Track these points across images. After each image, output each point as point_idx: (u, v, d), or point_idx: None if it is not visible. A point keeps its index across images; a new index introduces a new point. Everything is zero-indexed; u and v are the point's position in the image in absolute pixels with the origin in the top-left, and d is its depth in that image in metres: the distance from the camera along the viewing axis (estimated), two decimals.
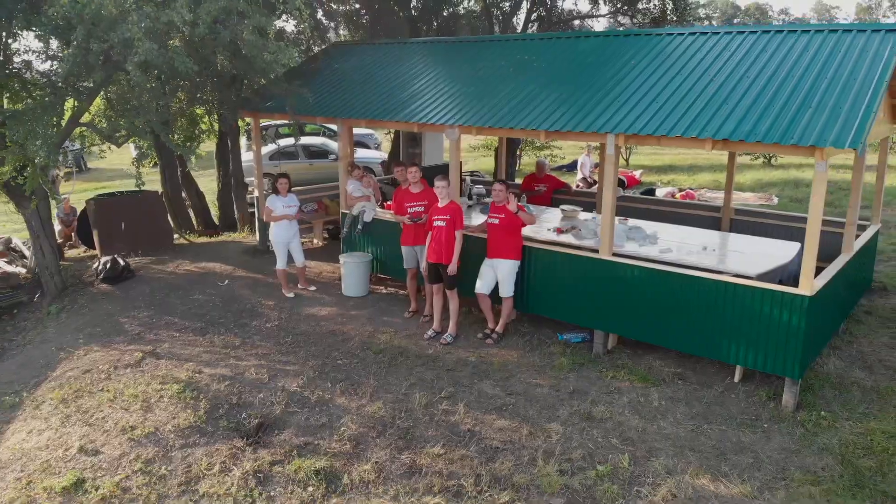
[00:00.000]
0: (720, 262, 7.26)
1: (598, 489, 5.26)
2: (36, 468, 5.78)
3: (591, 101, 7.40)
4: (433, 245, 7.75)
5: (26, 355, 7.96)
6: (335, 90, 10.03)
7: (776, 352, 6.27)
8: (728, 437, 5.95)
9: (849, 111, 5.92)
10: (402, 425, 6.04)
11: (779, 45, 7.27)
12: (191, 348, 7.51)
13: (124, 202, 11.68)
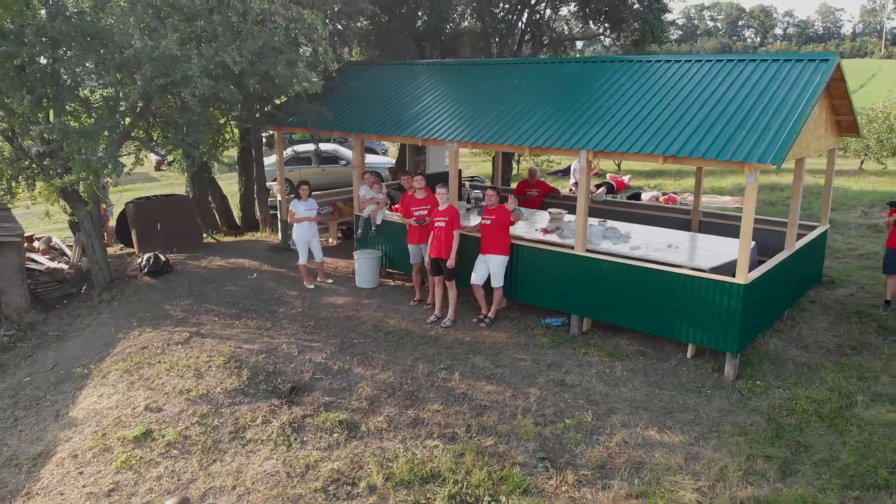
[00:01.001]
0: (680, 257, 8.54)
1: (564, 437, 6.56)
2: (109, 423, 7.11)
3: (569, 120, 8.71)
4: (434, 243, 9.07)
5: (87, 336, 9.32)
6: (350, 107, 11.36)
7: (718, 331, 7.56)
8: (676, 400, 7.24)
9: (775, 132, 7.20)
10: (408, 389, 7.36)
11: (729, 72, 8.56)
12: (229, 329, 8.86)
13: (159, 205, 13.04)
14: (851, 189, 17.56)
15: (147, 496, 6.00)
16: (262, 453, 6.35)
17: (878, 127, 19.11)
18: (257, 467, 6.18)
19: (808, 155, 8.71)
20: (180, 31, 7.84)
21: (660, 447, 6.46)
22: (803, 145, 8.26)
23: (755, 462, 6.21)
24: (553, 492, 5.85)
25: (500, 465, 6.13)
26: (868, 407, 7.14)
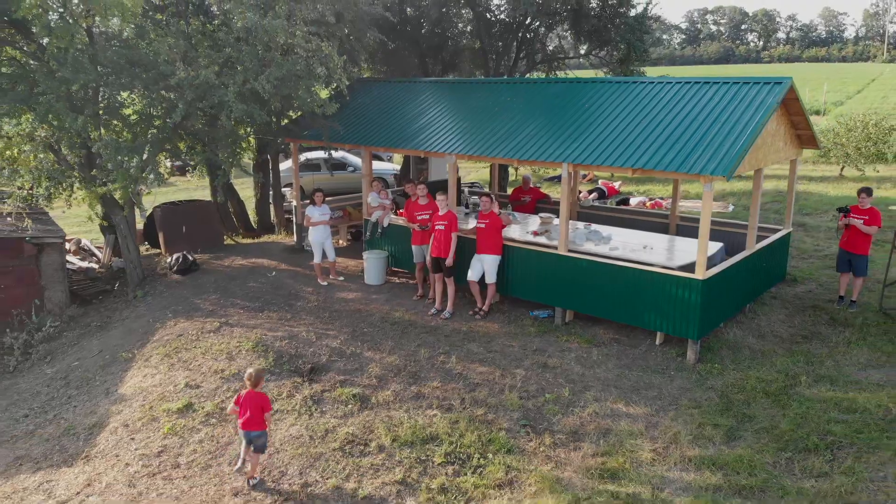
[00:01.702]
0: (652, 256, 9.66)
1: (544, 408, 7.71)
2: (154, 398, 8.29)
3: (554, 136, 9.87)
4: (435, 244, 10.22)
5: (127, 326, 10.50)
6: (359, 121, 12.54)
7: (680, 320, 8.70)
8: (642, 380, 8.38)
9: (728, 149, 8.34)
10: (412, 369, 8.52)
11: (694, 93, 9.69)
12: (254, 320, 10.02)
13: (184, 209, 14.24)
14: (829, 194, 18.66)
15: (191, 456, 7.17)
16: (288, 421, 7.52)
17: (856, 136, 20.19)
18: (284, 432, 7.34)
19: (765, 166, 9.82)
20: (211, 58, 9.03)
21: (625, 417, 7.60)
22: (759, 158, 9.40)
23: (705, 429, 7.34)
24: (532, 451, 7.00)
25: (488, 430, 7.28)
26: (810, 386, 8.26)
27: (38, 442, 8.04)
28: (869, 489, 6.39)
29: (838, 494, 6.30)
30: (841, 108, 44.76)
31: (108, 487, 6.89)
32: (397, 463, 6.79)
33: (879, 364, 8.85)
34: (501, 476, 6.60)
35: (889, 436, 7.19)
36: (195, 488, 6.69)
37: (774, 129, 9.78)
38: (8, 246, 11.67)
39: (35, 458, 7.71)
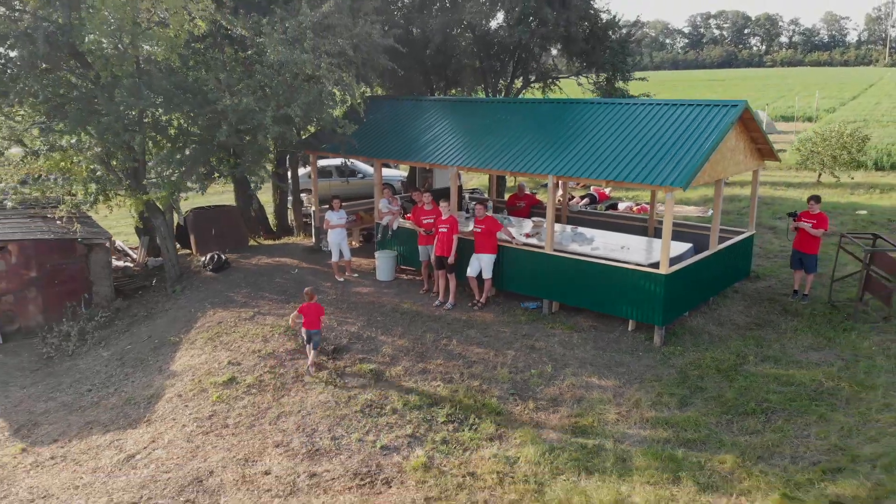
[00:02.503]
0: (627, 255, 11.15)
1: (530, 381, 9.22)
2: (202, 373, 9.83)
3: (542, 151, 11.38)
4: (439, 244, 11.74)
5: (171, 316, 12.06)
6: (371, 135, 14.06)
7: (648, 309, 10.19)
8: (614, 359, 9.88)
9: (686, 164, 9.83)
10: (419, 350, 10.04)
11: (662, 114, 11.20)
12: (282, 310, 11.56)
13: (213, 213, 15.80)
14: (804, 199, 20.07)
15: (237, 418, 8.70)
16: (317, 390, 9.05)
17: (833, 144, 21.64)
18: (314, 398, 8.87)
19: (724, 177, 11.32)
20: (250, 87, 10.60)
21: (597, 388, 9.10)
22: (718, 170, 10.89)
23: (662, 397, 8.84)
24: (518, 413, 8.51)
25: (482, 397, 8.80)
26: (756, 365, 9.75)
27: (104, 410, 9.59)
28: (793, 443, 7.88)
29: (766, 447, 7.79)
30: (833, 114, 46.10)
31: (169, 443, 8.43)
32: (408, 422, 8.32)
33: (820, 347, 10.33)
34: (492, 432, 8.12)
35: (817, 404, 8.68)
36: (242, 442, 8.22)
37: (733, 144, 11.27)
38: (62, 246, 13.24)
39: (103, 422, 9.26)
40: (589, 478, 7.24)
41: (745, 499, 6.83)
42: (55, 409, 9.84)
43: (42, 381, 10.91)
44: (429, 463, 7.56)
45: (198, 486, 7.52)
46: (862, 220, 17.54)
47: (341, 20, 11.22)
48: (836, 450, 7.69)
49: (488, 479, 7.27)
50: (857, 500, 6.72)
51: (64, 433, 9.13)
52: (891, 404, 8.60)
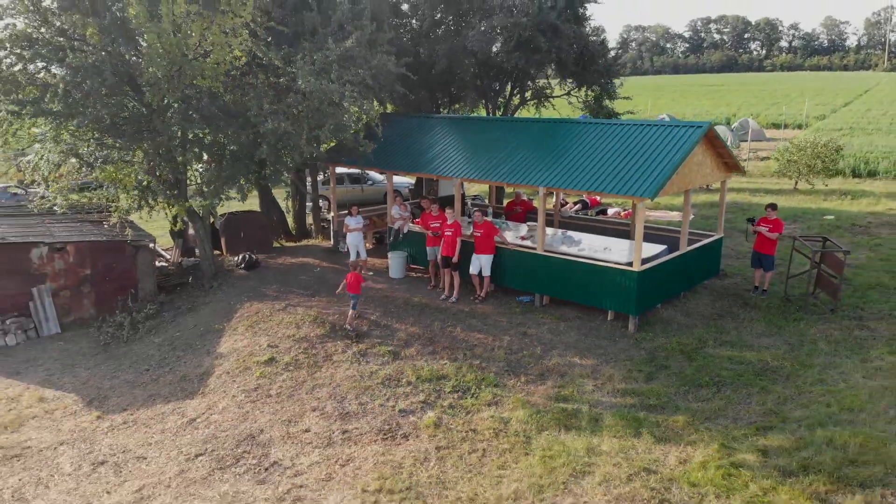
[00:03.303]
0: (608, 255, 12.90)
1: (522, 360, 10.98)
2: (245, 354, 11.60)
3: (534, 165, 13.16)
4: (445, 246, 13.51)
5: (212, 308, 13.84)
6: (384, 149, 15.84)
7: (623, 300, 11.95)
8: (594, 343, 11.64)
9: (655, 177, 11.59)
10: (428, 336, 11.81)
11: (636, 134, 12.95)
12: (310, 302, 13.34)
13: (242, 218, 17.59)
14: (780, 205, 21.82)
15: (278, 390, 10.47)
16: (344, 366, 10.83)
17: (808, 154, 23.39)
18: (342, 373, 10.65)
19: (692, 188, 13.08)
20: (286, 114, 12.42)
21: (578, 366, 10.86)
22: (687, 181, 12.66)
23: (632, 373, 10.60)
24: (512, 385, 10.28)
25: (482, 373, 10.56)
26: (715, 348, 11.50)
27: (163, 385, 11.37)
28: (736, 409, 9.63)
29: (713, 411, 9.55)
30: (823, 122, 47.77)
31: (223, 409, 10.21)
32: (420, 391, 10.09)
33: (771, 334, 12.09)
34: (490, 399, 9.89)
35: (761, 379, 10.43)
36: (284, 408, 10.00)
37: (700, 159, 13.04)
38: (113, 247, 15.04)
39: (164, 395, 11.04)
40: (567, 433, 9.00)
41: (690, 448, 8.58)
42: (119, 386, 11.63)
43: (103, 364, 12.69)
44: (438, 422, 9.34)
45: (251, 440, 9.31)
46: (828, 224, 19.28)
47: (361, 53, 13.01)
48: (771, 413, 9.44)
49: (486, 433, 9.05)
50: (781, 449, 8.47)
51: (131, 404, 10.92)
52: (824, 380, 10.35)
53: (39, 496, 8.66)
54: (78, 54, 11.76)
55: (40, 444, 9.92)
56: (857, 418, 9.12)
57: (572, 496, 7.63)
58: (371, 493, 7.94)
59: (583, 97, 18.91)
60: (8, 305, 14.24)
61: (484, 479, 8.09)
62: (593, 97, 18.44)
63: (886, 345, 11.39)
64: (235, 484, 8.43)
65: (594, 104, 18.46)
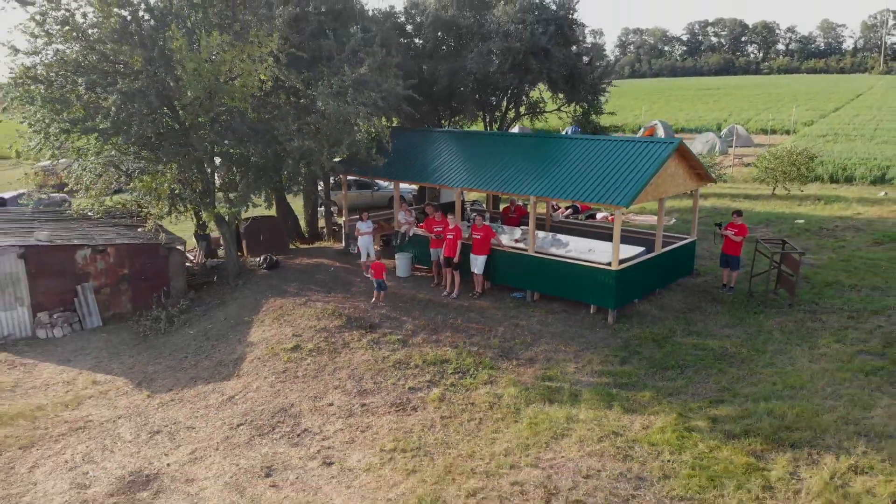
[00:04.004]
0: (592, 256, 14.57)
1: (514, 347, 12.68)
2: (273, 342, 13.29)
3: (525, 175, 14.85)
4: (446, 248, 15.20)
5: (239, 303, 15.53)
6: (392, 160, 17.54)
7: (603, 296, 13.64)
8: (577, 333, 13.32)
9: (630, 187, 13.27)
10: (432, 327, 13.50)
11: (615, 149, 14.63)
12: (327, 298, 15.02)
13: (262, 222, 19.28)
14: (756, 210, 23.59)
15: (304, 372, 12.16)
16: (360, 352, 12.52)
17: (784, 162, 25.08)
18: (358, 358, 12.34)
19: (665, 196, 14.77)
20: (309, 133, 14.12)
21: (562, 352, 12.55)
22: (660, 191, 14.34)
23: (608, 358, 12.29)
24: (504, 368, 11.97)
25: (479, 357, 12.25)
26: (682, 337, 13.19)
27: (202, 370, 13.06)
28: (695, 387, 11.31)
29: (675, 388, 11.23)
30: (810, 127, 49.45)
31: (257, 388, 11.90)
32: (426, 373, 11.79)
33: (734, 325, 13.77)
34: (486, 379, 11.58)
35: (720, 362, 12.11)
36: (310, 387, 11.69)
37: (673, 170, 14.72)
38: (148, 249, 16.73)
39: (204, 377, 12.73)
40: (550, 405, 10.69)
41: (653, 417, 10.27)
42: (163, 370, 13.32)
43: (145, 352, 14.38)
44: (442, 397, 11.03)
45: (283, 413, 11.00)
46: (798, 227, 20.96)
47: (373, 77, 14.70)
48: (724, 390, 11.13)
49: (482, 406, 10.74)
50: (728, 418, 10.15)
51: (175, 385, 12.61)
52: (774, 363, 12.03)
53: (107, 458, 10.34)
54: (127, 80, 13.43)
55: (100, 418, 11.60)
56: (797, 394, 10.82)
57: (552, 452, 9.33)
58: (388, 451, 9.63)
59: (572, 112, 20.64)
60: (56, 301, 15.93)
61: (480, 440, 9.78)
62: (581, 112, 20.18)
63: (833, 335, 13.06)
64: (273, 447, 10.13)
65: (582, 118, 20.19)
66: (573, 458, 9.19)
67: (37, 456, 10.54)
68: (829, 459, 8.97)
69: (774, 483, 8.59)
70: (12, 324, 15.63)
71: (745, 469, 8.84)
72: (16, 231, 16.89)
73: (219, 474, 9.56)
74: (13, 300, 15.52)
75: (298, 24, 16.02)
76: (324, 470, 9.41)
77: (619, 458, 9.14)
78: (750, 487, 8.48)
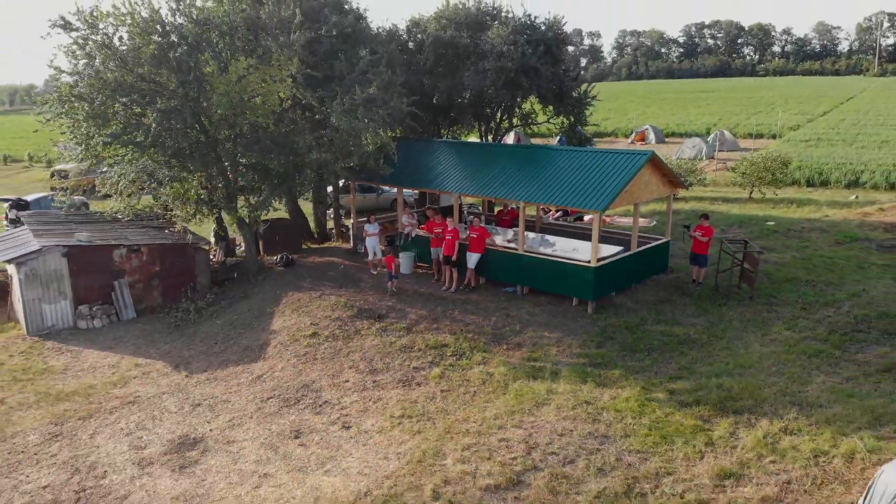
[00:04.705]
0: (576, 255, 16.42)
1: (505, 334, 14.55)
2: (293, 330, 15.15)
3: (515, 182, 16.72)
4: (446, 247, 17.06)
5: (261, 296, 17.39)
6: (397, 168, 19.40)
7: (583, 289, 15.52)
8: (560, 322, 15.19)
9: (606, 193, 15.13)
10: (433, 317, 15.37)
11: (595, 159, 16.49)
12: (339, 292, 16.88)
13: (278, 224, 21.14)
14: (732, 212, 25.48)
15: (322, 355, 14.02)
16: (370, 338, 14.39)
17: (759, 167, 26.97)
18: (369, 343, 14.21)
19: (640, 201, 16.64)
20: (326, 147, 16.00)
21: (547, 338, 14.41)
22: (634, 197, 16.21)
23: (586, 343, 14.15)
24: (496, 351, 13.83)
25: (474, 342, 14.12)
26: (652, 325, 15.04)
27: (232, 353, 14.91)
28: (659, 366, 13.16)
29: (642, 367, 13.09)
30: (795, 132, 51.31)
31: (282, 369, 13.76)
32: (428, 355, 13.65)
33: (699, 315, 15.63)
34: (479, 360, 13.44)
35: (682, 346, 13.96)
36: (328, 367, 13.55)
37: (647, 178, 16.58)
38: (177, 248, 18.59)
39: (234, 360, 14.58)
40: (534, 381, 12.56)
41: (620, 390, 12.12)
42: (197, 355, 15.17)
43: (178, 340, 16.23)
44: (442, 375, 12.90)
45: (306, 388, 12.86)
46: (768, 229, 22.83)
47: (381, 96, 16.57)
48: (683, 369, 12.98)
49: (476, 382, 12.61)
50: (683, 390, 12.01)
51: (209, 367, 14.47)
52: (729, 347, 13.89)
53: (157, 426, 12.20)
54: (164, 100, 15.30)
55: (147, 394, 13.46)
56: (745, 372, 12.68)
57: (533, 417, 11.20)
58: (396, 417, 11.50)
59: (559, 123, 22.53)
60: (95, 295, 17.78)
61: (474, 408, 11.66)
62: (568, 124, 22.06)
63: (785, 323, 14.92)
64: (299, 415, 11.99)
65: (569, 129, 22.08)
66: (551, 421, 11.06)
67: (95, 425, 12.40)
68: (764, 423, 10.82)
69: (716, 440, 10.45)
70: (56, 315, 17.48)
71: (692, 430, 10.70)
72: (56, 232, 18.75)
73: (255, 437, 11.42)
74: (57, 294, 17.37)
75: (312, 47, 17.87)
76: (343, 432, 11.28)
77: (589, 422, 11.01)
78: (695, 444, 10.34)
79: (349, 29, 18.12)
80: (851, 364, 12.92)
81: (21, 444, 11.88)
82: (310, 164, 16.05)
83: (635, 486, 9.34)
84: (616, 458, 9.99)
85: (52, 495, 10.31)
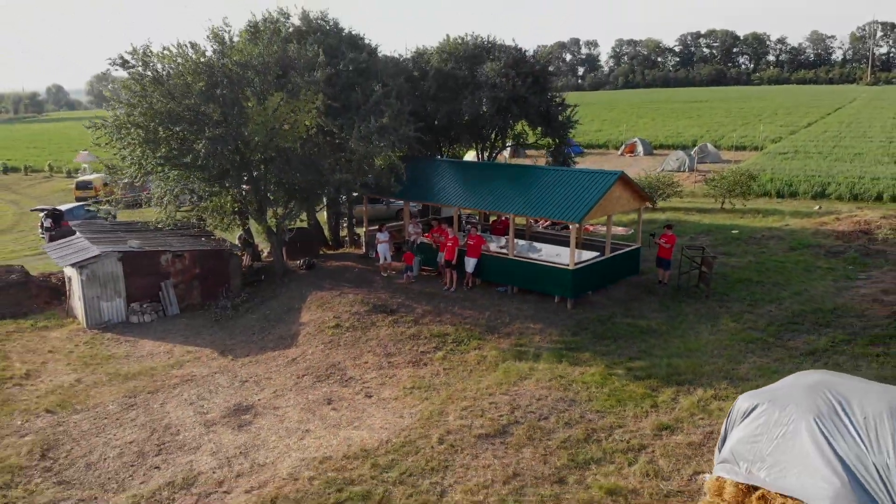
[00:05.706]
0: (559, 259, 19.31)
1: (497, 325, 17.44)
2: (319, 323, 18.05)
3: (506, 197, 19.65)
4: (447, 253, 19.95)
5: (288, 295, 20.29)
6: (405, 184, 22.32)
7: (563, 288, 18.42)
8: (544, 315, 18.08)
9: (581, 206, 18.05)
10: (436, 312, 18.26)
11: (576, 177, 19.42)
12: (356, 290, 19.77)
13: (299, 232, 24.07)
14: (703, 222, 28.41)
15: (346, 342, 16.91)
16: (384, 329, 17.30)
17: (728, 181, 29.89)
18: (384, 333, 17.11)
19: (613, 213, 19.56)
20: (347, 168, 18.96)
21: (532, 328, 17.30)
22: (608, 209, 19.13)
23: (564, 332, 17.04)
24: (489, 339, 16.73)
25: (471, 331, 17.02)
26: (621, 318, 17.93)
27: (268, 341, 17.80)
28: (623, 351, 16.05)
29: (608, 351, 15.98)
30: (776, 144, 54.19)
31: (312, 353, 16.65)
32: (433, 342, 16.54)
33: (661, 310, 18.53)
34: (475, 346, 16.35)
35: (644, 335, 16.85)
36: (350, 352, 16.45)
37: (618, 194, 19.49)
38: (215, 254, 21.50)
39: (270, 347, 17.47)
40: (519, 361, 15.44)
41: (588, 367, 14.99)
42: (238, 343, 18.06)
43: (220, 332, 19.11)
44: (444, 357, 15.81)
45: (334, 368, 15.75)
46: (731, 236, 25.74)
47: (392, 124, 19.52)
48: (642, 352, 15.87)
49: (472, 362, 15.51)
50: (639, 368, 14.89)
51: (250, 352, 17.35)
52: (683, 336, 16.78)
53: (214, 397, 15.07)
54: (210, 129, 18.25)
55: (201, 374, 16.34)
56: (692, 355, 15.56)
57: (517, 387, 14.09)
58: (408, 388, 14.39)
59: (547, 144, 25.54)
60: (145, 294, 20.68)
61: (470, 381, 14.55)
62: (555, 145, 25.08)
63: (732, 317, 17.81)
64: (329, 388, 14.88)
65: (555, 149, 25.10)
66: (531, 389, 13.96)
67: (163, 397, 15.27)
68: (700, 391, 13.69)
69: (660, 404, 13.33)
70: (112, 311, 20.38)
71: (642, 396, 13.59)
72: (108, 240, 21.67)
73: (295, 404, 14.31)
74: (113, 293, 20.27)
75: (332, 80, 20.83)
76: (366, 399, 14.18)
77: (561, 390, 13.91)
78: (643, 406, 13.22)
79: (364, 64, 21.09)
80: (782, 349, 15.80)
81: (103, 412, 14.73)
82: (332, 183, 19.00)
83: (593, 434, 12.22)
84: (580, 415, 12.88)
85: (138, 448, 13.16)
